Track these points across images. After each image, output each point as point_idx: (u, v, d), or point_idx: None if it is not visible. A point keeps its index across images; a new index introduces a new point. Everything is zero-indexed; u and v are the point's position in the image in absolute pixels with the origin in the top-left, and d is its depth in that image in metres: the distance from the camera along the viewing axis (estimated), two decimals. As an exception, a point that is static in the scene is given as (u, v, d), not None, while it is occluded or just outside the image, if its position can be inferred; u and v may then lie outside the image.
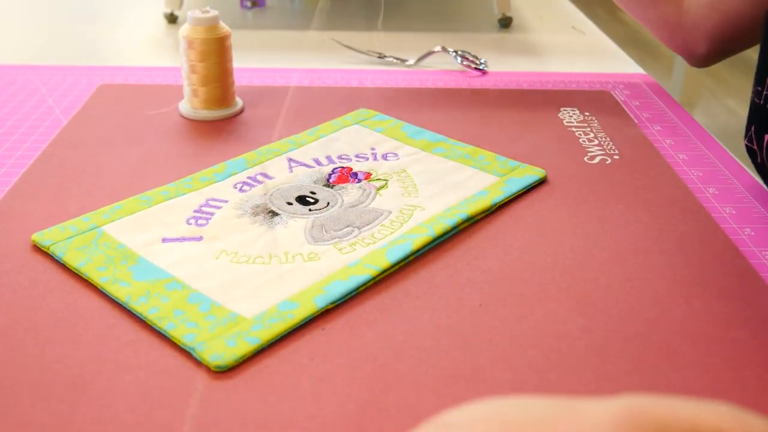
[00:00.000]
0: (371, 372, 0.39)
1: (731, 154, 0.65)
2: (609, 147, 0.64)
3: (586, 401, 0.24)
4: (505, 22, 1.00)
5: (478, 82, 0.80)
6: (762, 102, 0.55)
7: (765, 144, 0.54)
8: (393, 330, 0.42)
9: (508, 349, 0.41)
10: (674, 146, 0.66)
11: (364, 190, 0.56)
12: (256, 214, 0.53)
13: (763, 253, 0.51)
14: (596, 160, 0.62)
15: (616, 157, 0.63)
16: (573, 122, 0.69)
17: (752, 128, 0.56)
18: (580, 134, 0.67)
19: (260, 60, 0.84)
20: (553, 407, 0.24)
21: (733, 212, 0.56)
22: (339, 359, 0.40)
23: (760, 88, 0.56)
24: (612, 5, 0.59)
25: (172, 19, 0.99)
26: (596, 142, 0.65)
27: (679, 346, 0.41)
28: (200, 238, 0.50)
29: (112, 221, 0.51)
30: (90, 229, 0.50)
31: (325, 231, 0.51)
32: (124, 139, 0.64)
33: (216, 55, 0.66)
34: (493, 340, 0.42)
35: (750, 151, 0.58)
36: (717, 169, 0.62)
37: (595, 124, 0.69)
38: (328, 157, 0.61)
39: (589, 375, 0.39)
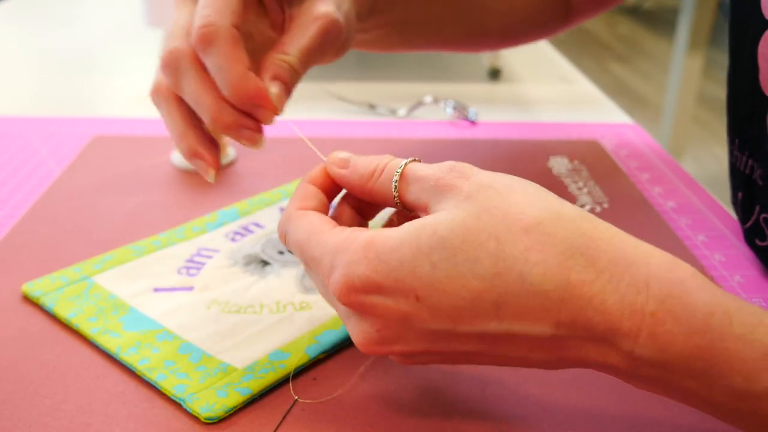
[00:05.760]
0: (364, 422, 0.39)
1: (719, 202, 0.66)
2: (598, 196, 0.65)
3: None
4: (495, 74, 1.02)
5: (468, 133, 0.81)
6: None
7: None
8: (386, 380, 0.42)
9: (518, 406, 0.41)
10: (663, 194, 0.67)
11: (356, 239, 0.56)
12: (247, 263, 0.53)
13: (754, 299, 0.51)
14: (586, 209, 0.63)
15: (605, 205, 0.63)
16: (562, 171, 0.70)
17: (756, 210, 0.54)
18: (569, 183, 0.67)
19: (253, 111, 0.84)
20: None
21: (723, 259, 0.56)
22: (331, 409, 0.40)
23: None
24: (600, 56, 0.60)
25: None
26: (585, 190, 0.66)
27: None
28: (191, 288, 0.50)
29: (104, 271, 0.51)
30: (81, 280, 0.50)
31: (317, 280, 0.51)
32: (117, 189, 0.64)
33: (209, 106, 0.66)
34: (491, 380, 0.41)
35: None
36: (706, 216, 0.63)
37: (584, 173, 0.70)
38: (320, 207, 0.61)
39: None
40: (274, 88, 0.42)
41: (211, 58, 0.40)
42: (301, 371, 0.43)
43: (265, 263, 0.53)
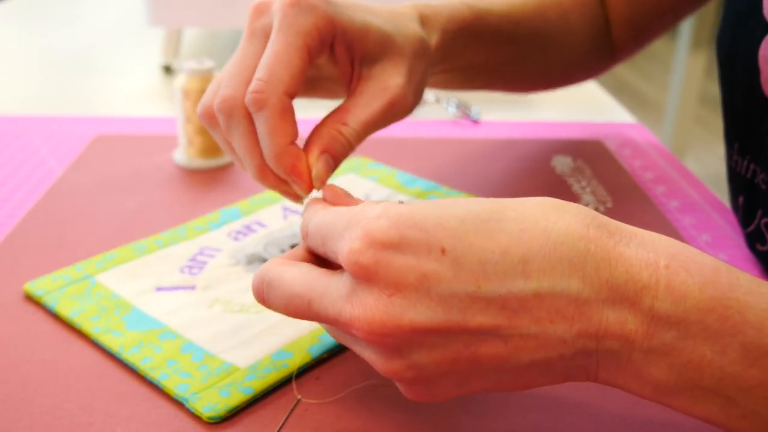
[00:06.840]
0: (367, 422, 0.39)
1: (723, 201, 0.66)
2: (601, 195, 0.65)
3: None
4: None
5: (470, 132, 0.80)
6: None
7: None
8: (389, 379, 0.42)
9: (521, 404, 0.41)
10: (666, 194, 0.66)
11: (359, 238, 0.56)
12: (250, 262, 0.52)
13: (758, 299, 0.51)
14: (589, 208, 0.62)
15: (608, 204, 0.63)
16: (565, 170, 0.70)
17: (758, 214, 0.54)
18: (572, 182, 0.67)
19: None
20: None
21: (727, 259, 0.56)
22: (334, 409, 0.40)
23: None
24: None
25: (168, 70, 1.00)
26: (589, 189, 0.66)
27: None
28: (194, 287, 0.49)
29: (106, 270, 0.51)
30: (83, 279, 0.50)
31: (320, 279, 0.50)
32: (119, 188, 0.64)
33: (211, 105, 0.66)
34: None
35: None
36: (709, 216, 0.63)
37: (588, 172, 0.69)
38: (323, 206, 0.61)
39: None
40: (319, 165, 0.43)
41: (259, 123, 0.42)
42: (304, 370, 0.42)
43: (267, 262, 0.53)
